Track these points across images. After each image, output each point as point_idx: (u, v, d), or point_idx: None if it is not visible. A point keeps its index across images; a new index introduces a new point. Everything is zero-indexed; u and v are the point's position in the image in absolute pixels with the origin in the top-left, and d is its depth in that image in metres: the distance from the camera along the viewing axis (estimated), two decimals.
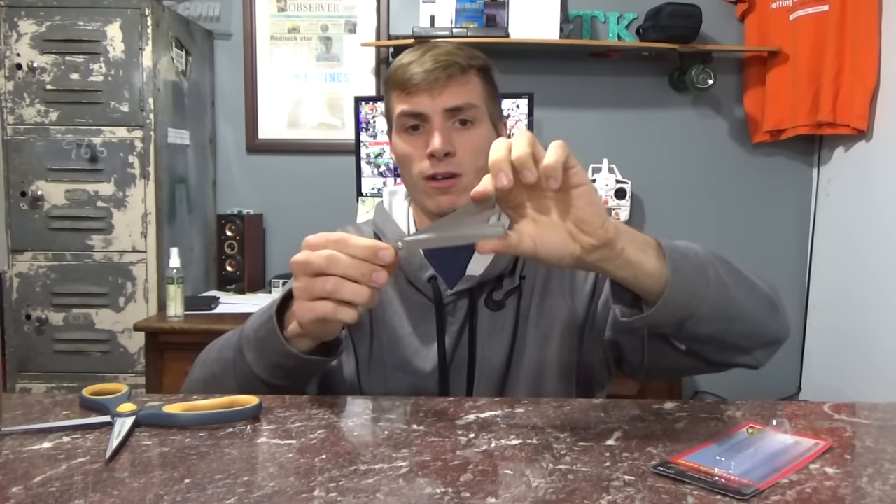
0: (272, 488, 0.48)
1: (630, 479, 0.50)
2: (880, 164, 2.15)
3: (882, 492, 0.49)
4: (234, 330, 0.86)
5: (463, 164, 0.91)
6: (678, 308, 0.68)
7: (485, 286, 0.95)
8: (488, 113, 0.95)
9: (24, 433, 0.59)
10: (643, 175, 2.51)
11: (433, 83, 0.90)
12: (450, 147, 0.90)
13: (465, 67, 0.92)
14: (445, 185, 0.92)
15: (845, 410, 0.68)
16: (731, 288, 0.72)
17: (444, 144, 0.89)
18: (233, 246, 2.39)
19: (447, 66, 0.90)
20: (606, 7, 2.45)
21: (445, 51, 0.92)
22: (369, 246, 0.66)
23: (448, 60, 0.90)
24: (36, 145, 2.07)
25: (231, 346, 0.83)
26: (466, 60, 0.92)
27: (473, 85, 0.93)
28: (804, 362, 2.54)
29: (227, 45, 2.55)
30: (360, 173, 2.37)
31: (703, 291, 0.69)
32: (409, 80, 0.90)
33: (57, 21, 2.05)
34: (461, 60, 0.91)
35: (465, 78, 0.92)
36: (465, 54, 0.93)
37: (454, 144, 0.91)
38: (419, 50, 0.94)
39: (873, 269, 2.16)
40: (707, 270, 0.71)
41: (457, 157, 0.91)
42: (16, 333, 2.11)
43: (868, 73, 2.16)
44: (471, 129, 0.92)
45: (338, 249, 0.66)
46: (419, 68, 0.90)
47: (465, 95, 0.92)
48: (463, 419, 0.64)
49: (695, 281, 0.69)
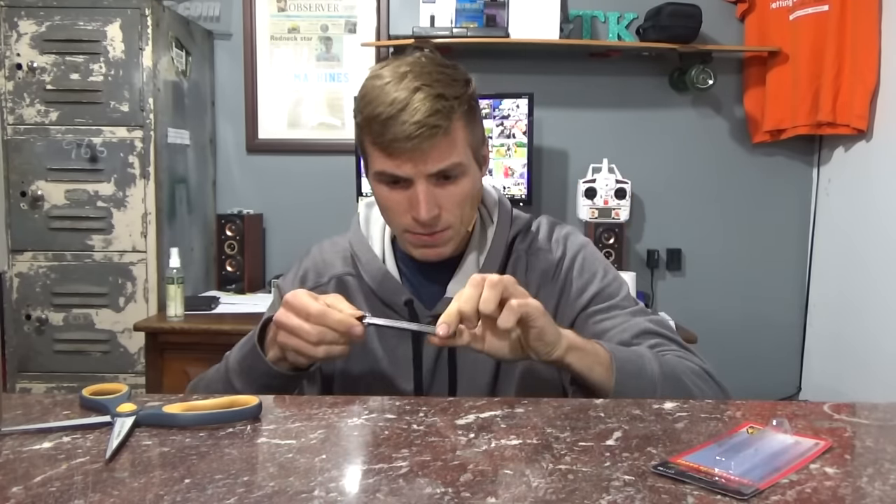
0: (272, 488, 0.48)
1: (630, 479, 0.50)
2: (880, 164, 2.15)
3: (882, 492, 0.49)
4: (216, 367, 0.93)
5: (448, 219, 0.88)
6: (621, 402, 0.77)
7: None
8: (473, 155, 0.90)
9: (24, 433, 0.59)
10: (643, 175, 2.51)
11: (417, 149, 0.82)
12: (436, 210, 0.86)
13: (448, 127, 0.83)
14: (432, 241, 0.90)
15: (845, 410, 0.68)
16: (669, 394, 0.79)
17: (430, 210, 0.85)
18: (233, 246, 2.39)
19: (431, 134, 0.82)
20: (606, 7, 2.45)
21: (428, 107, 0.81)
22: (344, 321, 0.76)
23: (430, 125, 0.81)
24: (36, 145, 2.07)
25: (219, 381, 0.88)
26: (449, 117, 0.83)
27: (458, 138, 0.86)
28: (804, 363, 2.54)
29: (227, 45, 2.55)
30: (360, 173, 2.37)
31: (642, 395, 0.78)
32: (389, 143, 0.83)
33: (57, 21, 2.05)
34: (443, 122, 0.82)
35: (449, 138, 0.84)
36: (448, 106, 0.83)
37: (439, 202, 0.86)
38: (396, 87, 0.83)
39: (873, 269, 2.16)
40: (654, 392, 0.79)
41: (442, 215, 0.87)
42: (16, 333, 2.11)
43: (868, 73, 2.16)
44: (455, 184, 0.87)
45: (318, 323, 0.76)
46: (400, 131, 0.81)
47: (449, 157, 0.85)
48: (463, 419, 0.64)
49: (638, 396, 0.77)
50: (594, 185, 2.41)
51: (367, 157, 0.90)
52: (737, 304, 2.54)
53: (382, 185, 0.88)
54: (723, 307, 2.55)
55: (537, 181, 2.50)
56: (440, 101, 0.82)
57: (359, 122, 0.88)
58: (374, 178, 0.89)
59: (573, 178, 2.52)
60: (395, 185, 0.87)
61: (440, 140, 0.83)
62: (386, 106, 0.82)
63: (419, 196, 0.85)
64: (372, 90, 0.85)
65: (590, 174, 2.43)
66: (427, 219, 0.85)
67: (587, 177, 2.43)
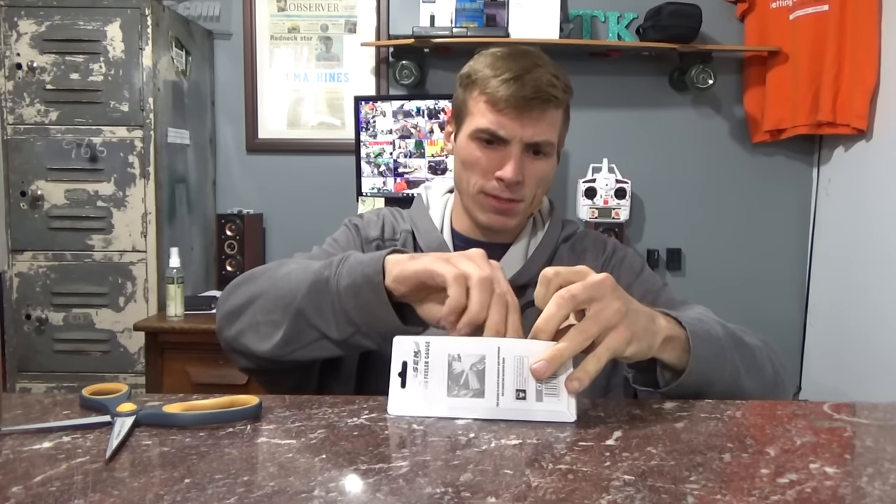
0: (272, 488, 0.48)
1: (630, 479, 0.50)
2: (880, 164, 2.15)
3: (882, 491, 0.49)
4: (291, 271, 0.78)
5: (526, 192, 0.93)
6: (690, 389, 0.70)
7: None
8: (557, 147, 0.96)
9: (24, 433, 0.59)
10: (643, 175, 2.51)
11: (527, 113, 0.88)
12: (521, 177, 0.90)
13: (560, 102, 0.90)
14: (505, 208, 0.93)
15: (845, 410, 0.68)
16: (742, 375, 0.74)
17: (517, 175, 0.90)
18: (233, 246, 2.39)
19: (546, 101, 0.88)
20: (606, 7, 2.45)
21: (547, 80, 0.88)
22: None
23: (548, 94, 0.88)
24: (36, 145, 2.07)
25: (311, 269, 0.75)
26: (563, 95, 0.90)
27: (558, 119, 0.93)
28: (804, 362, 2.54)
29: (227, 44, 2.55)
30: (360, 173, 2.37)
31: (717, 376, 0.71)
32: (504, 100, 0.88)
33: (57, 21, 2.05)
34: (559, 94, 0.89)
35: (555, 114, 0.91)
36: (562, 86, 0.90)
37: (524, 173, 0.91)
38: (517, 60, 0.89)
39: (873, 268, 2.16)
40: (725, 357, 0.73)
41: (523, 185, 0.92)
42: (16, 333, 2.11)
43: (868, 73, 2.16)
44: (542, 161, 0.93)
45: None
46: (519, 91, 0.87)
47: (550, 133, 0.91)
48: (463, 419, 0.64)
49: (712, 369, 0.71)
50: (594, 184, 2.41)
51: (465, 117, 0.94)
52: (737, 303, 2.54)
53: (475, 143, 0.92)
54: (723, 307, 2.53)
55: None
56: (558, 80, 0.90)
57: (473, 79, 0.92)
58: (470, 137, 0.93)
59: (573, 177, 2.52)
60: (489, 145, 0.91)
61: (550, 112, 0.90)
62: (510, 70, 0.88)
63: (512, 158, 0.90)
64: (492, 57, 0.91)
65: (590, 174, 2.44)
66: (513, 179, 0.89)
67: (587, 176, 2.43)
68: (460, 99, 0.96)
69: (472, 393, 0.62)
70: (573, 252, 1.01)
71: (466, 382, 0.63)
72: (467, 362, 0.63)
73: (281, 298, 0.76)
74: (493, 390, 0.62)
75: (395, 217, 1.06)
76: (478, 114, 0.91)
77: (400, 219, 1.05)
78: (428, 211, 1.03)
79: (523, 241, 1.00)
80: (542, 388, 0.62)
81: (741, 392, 0.74)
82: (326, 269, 0.73)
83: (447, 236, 1.01)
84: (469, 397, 0.62)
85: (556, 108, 0.90)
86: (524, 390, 0.62)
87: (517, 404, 0.62)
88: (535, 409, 0.62)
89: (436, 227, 1.00)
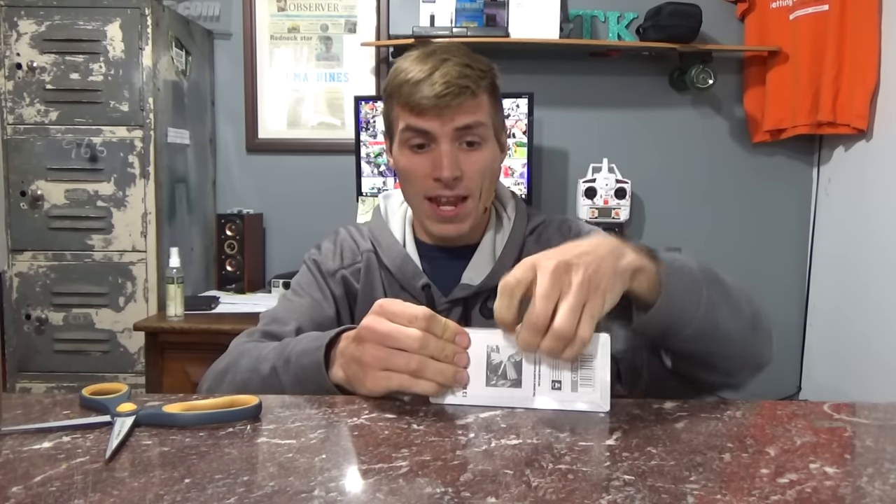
0: (272, 488, 0.48)
1: (630, 479, 0.50)
2: (880, 164, 2.15)
3: (882, 491, 0.49)
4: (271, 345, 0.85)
5: (469, 186, 0.91)
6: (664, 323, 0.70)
7: (479, 295, 0.95)
8: (493, 128, 0.94)
9: (24, 433, 0.59)
10: (643, 175, 2.51)
11: (443, 107, 0.88)
12: (458, 171, 0.90)
13: (476, 90, 0.90)
14: (450, 214, 0.92)
15: (845, 410, 0.68)
16: (718, 312, 0.72)
17: (453, 170, 0.89)
18: (233, 246, 2.39)
19: (459, 92, 0.88)
20: (606, 7, 2.45)
21: (457, 72, 0.88)
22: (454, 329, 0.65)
23: (460, 85, 0.87)
24: (36, 145, 2.07)
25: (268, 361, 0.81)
26: (477, 82, 0.90)
27: (483, 103, 0.92)
28: (804, 362, 2.54)
29: (227, 44, 2.55)
30: (360, 173, 2.37)
31: (692, 312, 0.70)
32: (418, 103, 0.88)
33: (57, 21, 2.05)
34: (472, 84, 0.89)
35: (474, 101, 0.90)
36: (475, 73, 0.90)
37: (461, 167, 0.90)
38: (425, 61, 0.90)
39: (873, 268, 2.16)
40: (700, 290, 0.71)
41: (463, 180, 0.90)
42: (16, 333, 2.11)
43: (868, 73, 2.15)
44: (478, 150, 0.92)
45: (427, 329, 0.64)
46: (429, 90, 0.87)
47: (475, 115, 0.90)
48: (463, 419, 0.64)
49: (686, 301, 0.70)
50: (594, 184, 2.41)
51: (394, 125, 0.94)
52: None
53: (406, 152, 0.92)
54: None
55: (537, 181, 2.50)
56: (468, 69, 0.89)
57: (389, 91, 0.93)
58: (401, 145, 0.93)
59: (573, 177, 2.52)
60: (420, 150, 0.91)
61: (467, 99, 0.89)
62: (416, 72, 0.89)
63: (442, 155, 0.89)
64: (402, 63, 0.92)
65: (590, 174, 2.43)
66: (449, 176, 0.89)
67: (587, 176, 2.43)
68: (385, 114, 0.97)
69: (509, 383, 0.65)
70: (538, 244, 0.99)
71: (504, 373, 0.65)
72: (505, 353, 0.65)
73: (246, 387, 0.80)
74: (529, 380, 0.65)
75: (353, 238, 1.04)
76: (401, 122, 0.92)
77: (360, 237, 1.04)
78: (388, 224, 1.02)
79: (488, 240, 0.99)
80: (577, 378, 0.64)
81: (718, 331, 0.72)
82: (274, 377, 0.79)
83: (410, 248, 1.00)
84: (507, 387, 0.65)
85: (472, 96, 0.89)
86: (560, 381, 0.64)
87: (553, 394, 0.64)
88: (570, 399, 0.64)
89: (397, 241, 0.99)
